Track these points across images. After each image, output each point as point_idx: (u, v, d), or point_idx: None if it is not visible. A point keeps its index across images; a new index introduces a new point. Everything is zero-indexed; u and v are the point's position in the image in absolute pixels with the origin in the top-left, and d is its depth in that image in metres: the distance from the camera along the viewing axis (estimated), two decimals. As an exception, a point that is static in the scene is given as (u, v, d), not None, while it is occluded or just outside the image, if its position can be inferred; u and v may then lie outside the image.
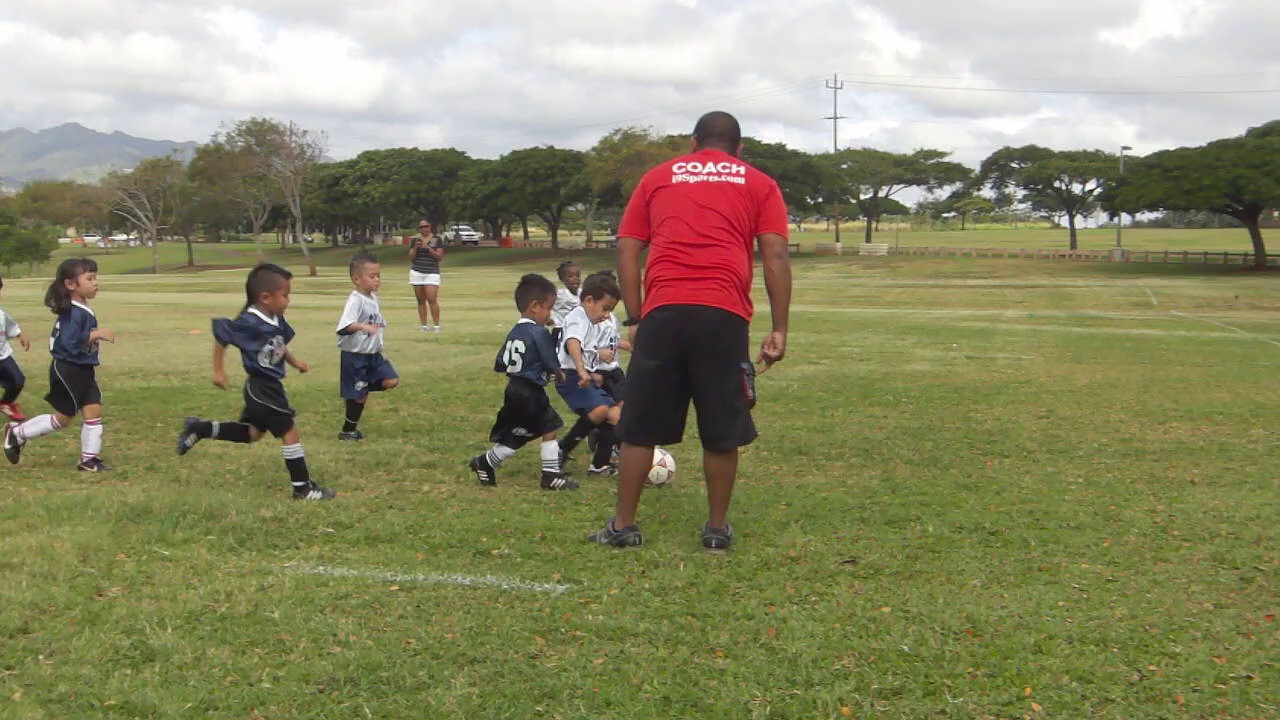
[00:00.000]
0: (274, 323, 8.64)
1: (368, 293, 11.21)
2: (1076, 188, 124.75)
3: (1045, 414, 13.06)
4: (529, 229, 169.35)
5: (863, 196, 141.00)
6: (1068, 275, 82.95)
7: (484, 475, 8.97)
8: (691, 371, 7.07)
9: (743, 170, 7.13)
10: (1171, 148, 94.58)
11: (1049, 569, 6.71)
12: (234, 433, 8.88)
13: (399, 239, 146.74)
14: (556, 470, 8.99)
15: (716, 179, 7.06)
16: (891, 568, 6.71)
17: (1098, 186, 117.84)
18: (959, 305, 47.90)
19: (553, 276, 11.12)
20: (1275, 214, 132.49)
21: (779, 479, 9.39)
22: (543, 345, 8.99)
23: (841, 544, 7.25)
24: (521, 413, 8.98)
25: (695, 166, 7.14)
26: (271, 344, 8.61)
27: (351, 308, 11.03)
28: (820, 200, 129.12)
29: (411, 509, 8.09)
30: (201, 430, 8.76)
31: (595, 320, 9.68)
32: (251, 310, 8.64)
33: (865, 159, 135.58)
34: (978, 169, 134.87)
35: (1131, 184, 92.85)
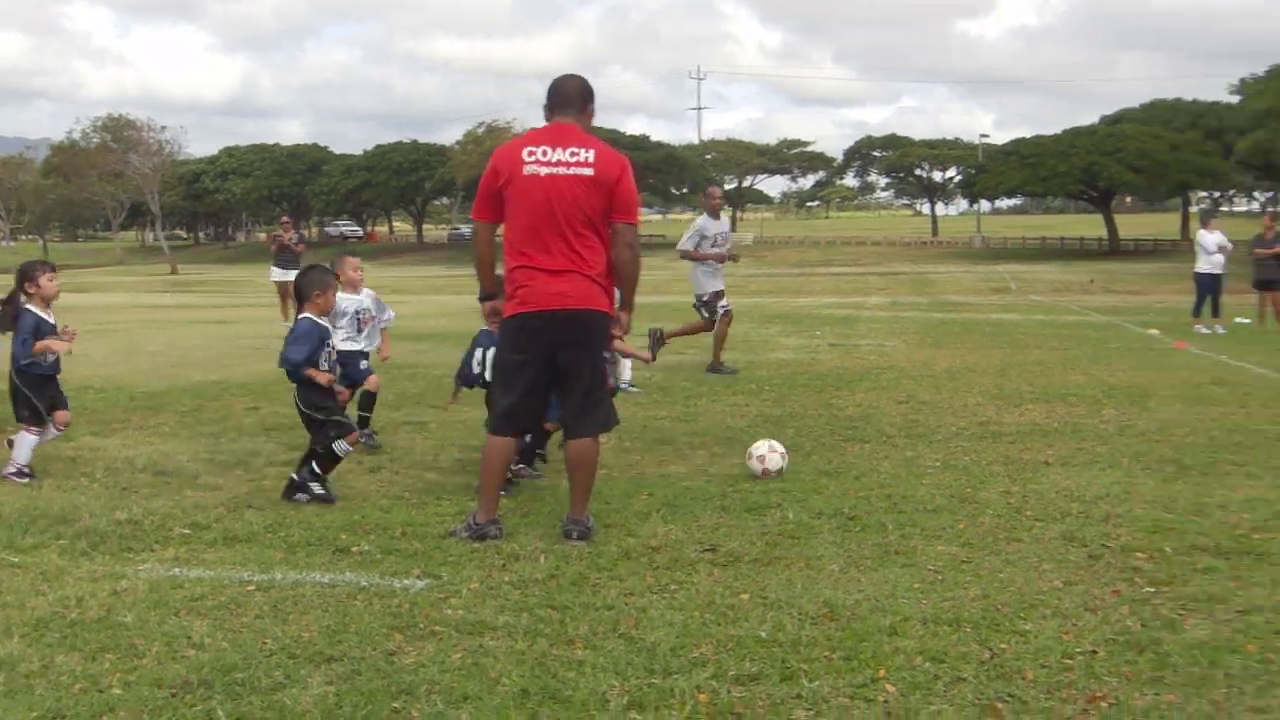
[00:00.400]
0: (325, 324, 8.42)
1: (354, 289, 10.71)
2: (937, 175, 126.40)
3: (905, 399, 13.24)
4: (394, 223, 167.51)
5: (728, 186, 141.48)
6: (930, 262, 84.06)
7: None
8: (559, 364, 7.11)
9: (592, 156, 7.06)
10: (1028, 135, 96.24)
11: (906, 552, 6.81)
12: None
13: (262, 235, 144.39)
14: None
15: (566, 171, 6.99)
16: (751, 555, 6.76)
17: (958, 174, 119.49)
18: (823, 293, 48.32)
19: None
20: (1128, 200, 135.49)
21: (641, 469, 9.41)
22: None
23: (702, 532, 7.29)
24: None
25: (545, 152, 7.05)
26: (329, 346, 8.39)
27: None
28: (685, 190, 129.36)
29: (271, 508, 7.98)
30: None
31: None
32: (307, 315, 8.32)
33: (729, 149, 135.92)
34: (840, 158, 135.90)
35: (990, 171, 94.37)
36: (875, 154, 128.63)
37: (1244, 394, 13.63)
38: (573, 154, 7.04)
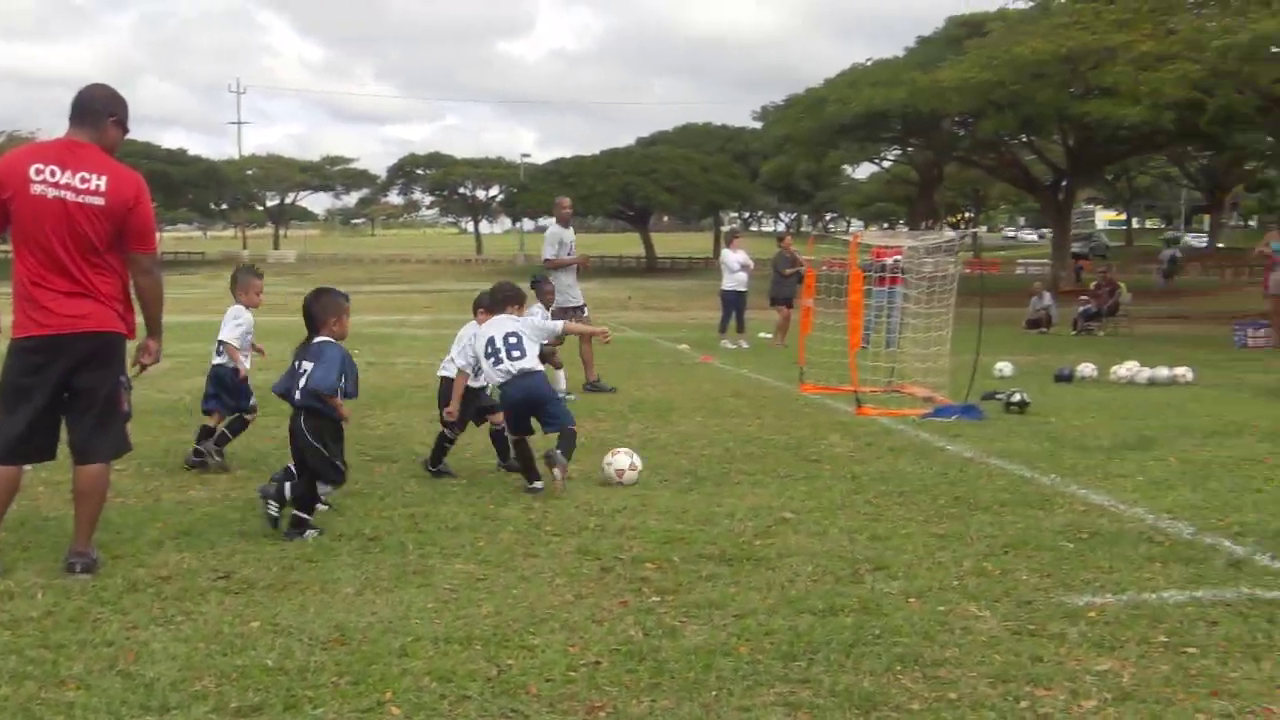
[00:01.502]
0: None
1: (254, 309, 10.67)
2: (481, 193, 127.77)
3: (435, 419, 13.23)
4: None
5: (269, 203, 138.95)
6: (475, 279, 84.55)
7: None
8: (72, 388, 6.77)
9: (104, 183, 6.68)
10: (568, 155, 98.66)
11: (423, 571, 6.81)
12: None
13: None
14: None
15: (74, 198, 6.60)
16: (266, 581, 6.62)
17: (501, 192, 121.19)
18: (366, 311, 47.88)
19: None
20: (665, 219, 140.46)
21: (160, 495, 9.08)
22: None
23: (217, 560, 7.09)
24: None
25: (54, 172, 6.63)
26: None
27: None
28: (225, 207, 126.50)
29: None
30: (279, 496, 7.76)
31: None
32: (327, 340, 8.01)
33: (271, 165, 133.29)
34: (384, 175, 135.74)
35: (532, 190, 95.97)
36: (419, 172, 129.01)
37: (760, 406, 14.36)
38: (83, 180, 6.67)
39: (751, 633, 5.68)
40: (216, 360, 10.53)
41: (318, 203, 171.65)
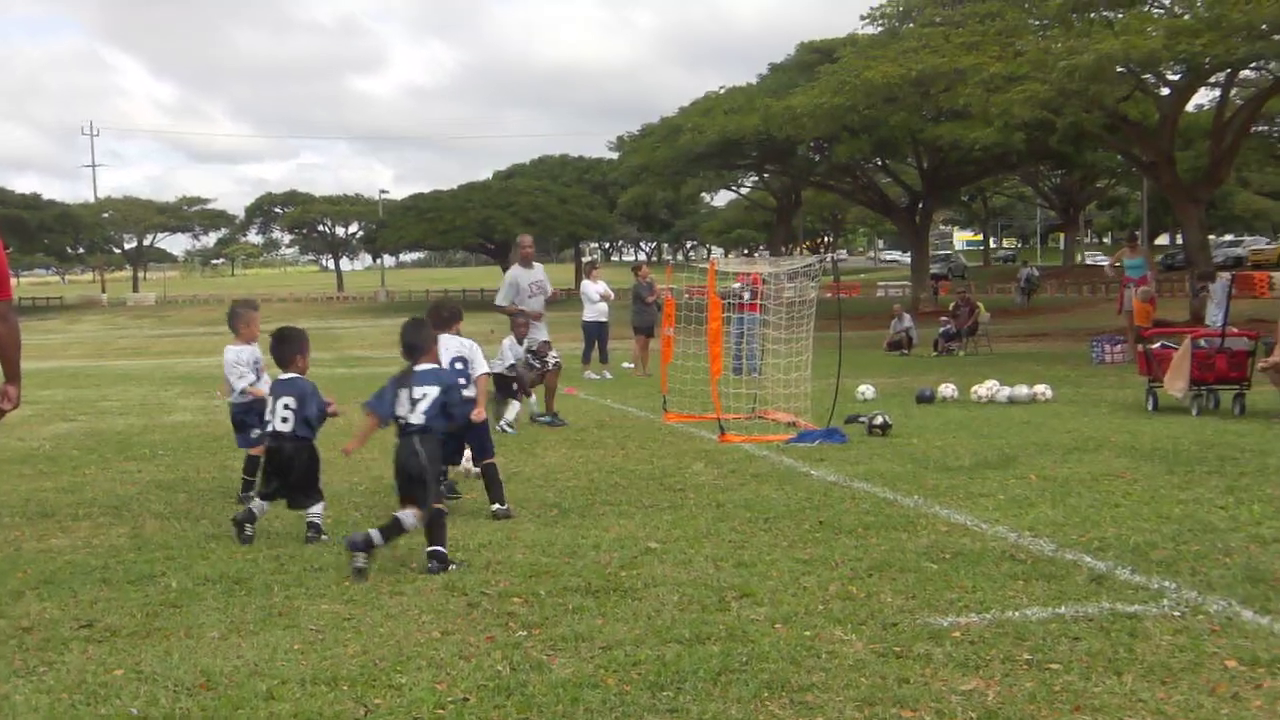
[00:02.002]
0: None
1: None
2: (340, 231, 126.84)
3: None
4: None
5: (127, 245, 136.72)
6: (336, 317, 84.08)
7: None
8: None
9: None
10: (427, 191, 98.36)
11: (289, 613, 6.77)
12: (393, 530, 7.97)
13: None
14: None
15: None
16: (129, 628, 6.54)
17: (360, 229, 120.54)
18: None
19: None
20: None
21: (20, 545, 8.92)
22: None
23: (80, 608, 6.99)
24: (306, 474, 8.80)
25: None
26: None
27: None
28: (82, 251, 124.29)
29: None
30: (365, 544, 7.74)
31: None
32: (435, 368, 8.45)
33: (127, 207, 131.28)
34: (242, 215, 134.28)
35: (391, 226, 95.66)
36: (277, 210, 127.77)
37: (624, 436, 14.41)
38: None
39: (619, 664, 5.71)
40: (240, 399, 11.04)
41: (176, 244, 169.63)
